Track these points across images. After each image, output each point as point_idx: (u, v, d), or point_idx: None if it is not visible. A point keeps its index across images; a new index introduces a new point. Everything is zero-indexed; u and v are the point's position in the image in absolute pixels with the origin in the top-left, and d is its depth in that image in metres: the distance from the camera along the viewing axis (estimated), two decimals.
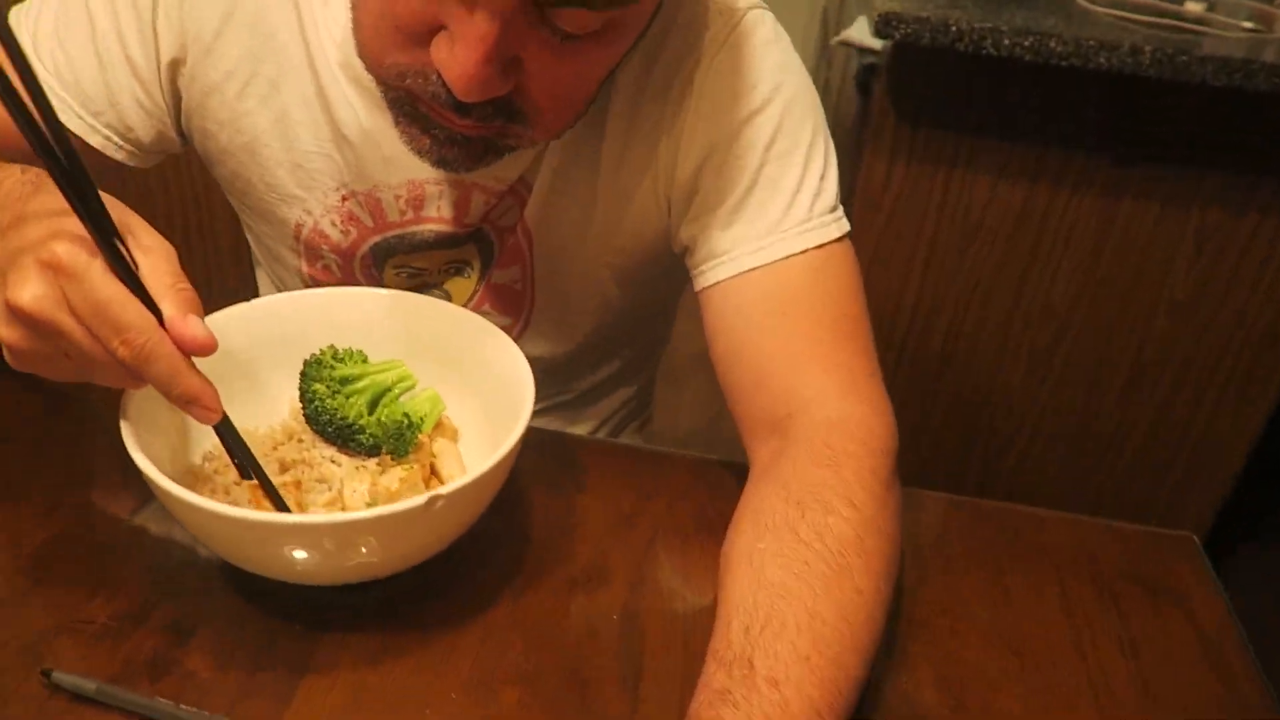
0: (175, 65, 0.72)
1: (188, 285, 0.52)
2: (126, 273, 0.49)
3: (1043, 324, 1.67)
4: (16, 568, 0.61)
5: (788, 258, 0.70)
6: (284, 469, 0.66)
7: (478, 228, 0.79)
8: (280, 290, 0.91)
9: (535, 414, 0.61)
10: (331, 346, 0.67)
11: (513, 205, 0.77)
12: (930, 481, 0.77)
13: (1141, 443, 1.74)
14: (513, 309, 0.83)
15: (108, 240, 0.49)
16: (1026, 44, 1.28)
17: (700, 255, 0.73)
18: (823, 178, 0.73)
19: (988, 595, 0.67)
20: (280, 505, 0.59)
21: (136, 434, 0.56)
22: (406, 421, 0.63)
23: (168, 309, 0.50)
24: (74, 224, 0.48)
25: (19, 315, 0.49)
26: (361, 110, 0.72)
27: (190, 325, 0.51)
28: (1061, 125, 1.48)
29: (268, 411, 0.70)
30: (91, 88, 0.71)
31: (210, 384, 0.53)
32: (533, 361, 0.64)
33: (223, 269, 1.87)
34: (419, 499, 0.53)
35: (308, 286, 0.84)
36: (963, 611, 0.66)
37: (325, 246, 0.80)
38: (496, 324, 0.82)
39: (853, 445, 0.64)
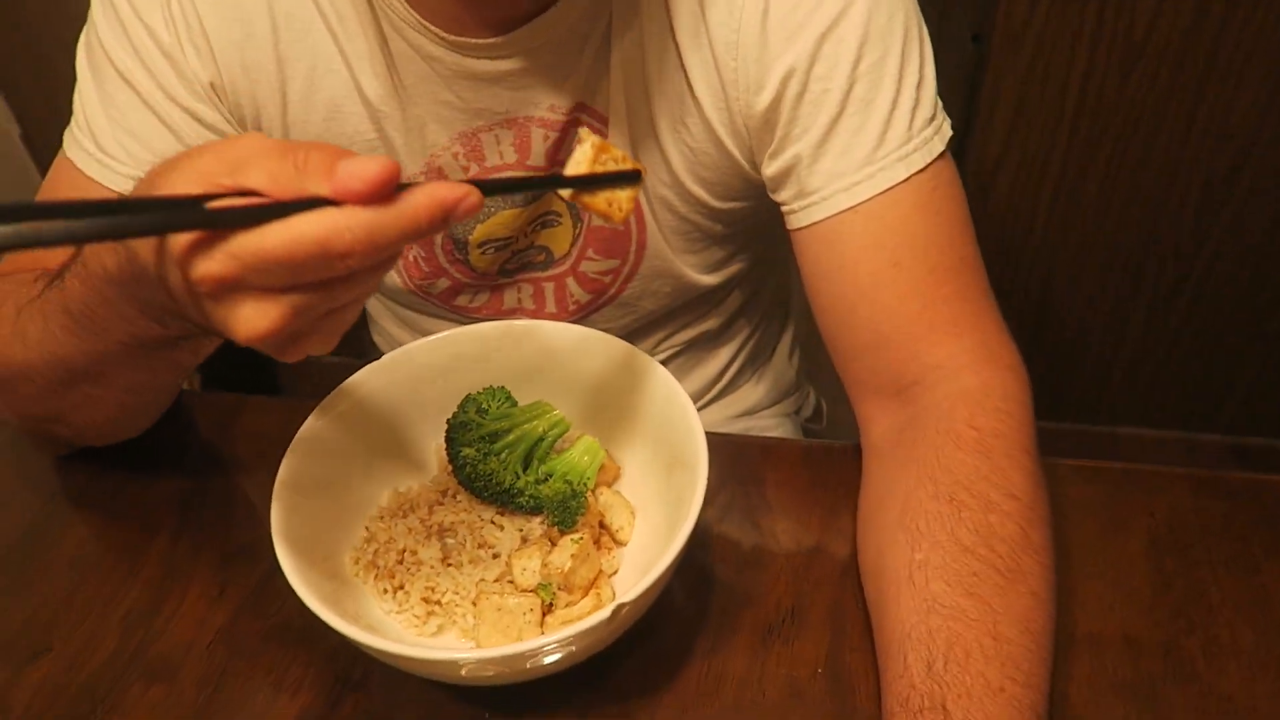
0: (216, 91, 0.65)
1: (304, 149, 0.40)
2: (258, 215, 0.37)
3: (1219, 151, 1.48)
4: (199, 659, 0.60)
5: (890, 189, 0.60)
6: (443, 531, 0.62)
7: (553, 173, 0.70)
8: (381, 301, 0.86)
9: (672, 355, 0.50)
10: (474, 398, 0.61)
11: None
12: (1094, 332, 0.68)
13: None
14: (618, 250, 0.75)
15: (206, 217, 0.38)
16: None
17: (788, 193, 0.64)
18: (920, 84, 0.61)
19: (1246, 605, 0.59)
20: (627, 179, 0.49)
21: (294, 562, 0.52)
22: (570, 491, 0.57)
23: (315, 186, 0.38)
24: (176, 243, 0.39)
25: (256, 338, 0.40)
26: (384, 69, 0.64)
27: (352, 176, 0.37)
28: None
29: (417, 467, 0.65)
30: (170, 151, 0.63)
31: (438, 186, 0.39)
32: (653, 299, 0.57)
33: None
34: (604, 613, 0.48)
35: (405, 288, 0.78)
36: (1217, 630, 0.58)
37: None
38: (601, 269, 0.76)
39: (1000, 423, 0.57)
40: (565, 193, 0.50)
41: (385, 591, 0.58)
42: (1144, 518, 0.64)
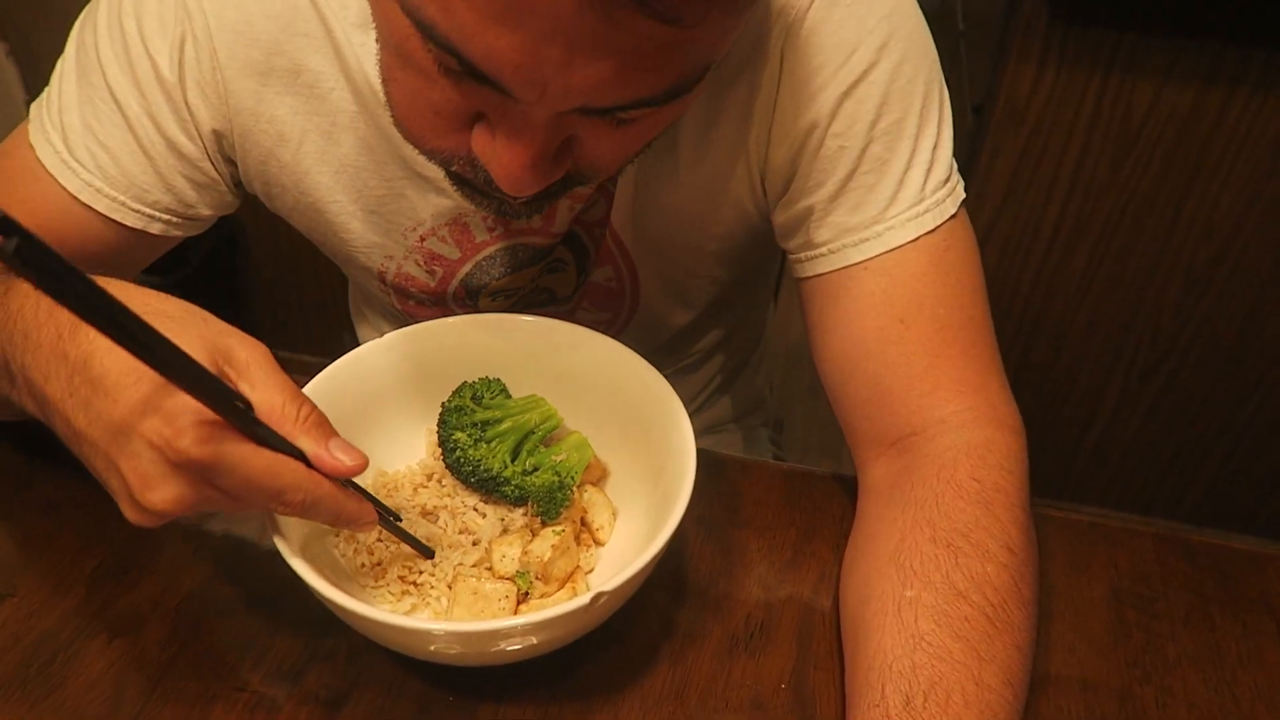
0: (219, 136, 0.65)
1: (308, 404, 0.48)
2: (255, 429, 0.44)
3: (1202, 242, 1.53)
4: (166, 618, 0.60)
5: (900, 248, 0.61)
6: (425, 514, 0.62)
7: (568, 231, 0.71)
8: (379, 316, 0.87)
9: None
10: (470, 385, 0.62)
11: (599, 201, 0.70)
12: (1066, 409, 0.70)
13: None
14: (611, 305, 0.77)
15: (227, 405, 0.42)
16: None
17: (798, 243, 0.65)
18: (936, 147, 0.62)
19: (1200, 660, 0.60)
20: (422, 550, 0.59)
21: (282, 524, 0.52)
22: (557, 482, 0.58)
23: (307, 445, 0.47)
24: (178, 401, 0.43)
25: (153, 512, 0.45)
26: (391, 147, 0.65)
27: (337, 456, 0.47)
28: (1241, 21, 1.30)
29: (405, 449, 0.66)
30: (142, 177, 0.63)
31: (364, 501, 0.51)
32: (635, 343, 0.60)
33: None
34: (582, 600, 0.49)
35: (403, 319, 0.79)
36: (1171, 681, 0.59)
37: (414, 288, 0.74)
38: (594, 320, 0.78)
39: (1002, 479, 0.58)
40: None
41: (363, 567, 0.59)
42: (1107, 569, 0.65)
